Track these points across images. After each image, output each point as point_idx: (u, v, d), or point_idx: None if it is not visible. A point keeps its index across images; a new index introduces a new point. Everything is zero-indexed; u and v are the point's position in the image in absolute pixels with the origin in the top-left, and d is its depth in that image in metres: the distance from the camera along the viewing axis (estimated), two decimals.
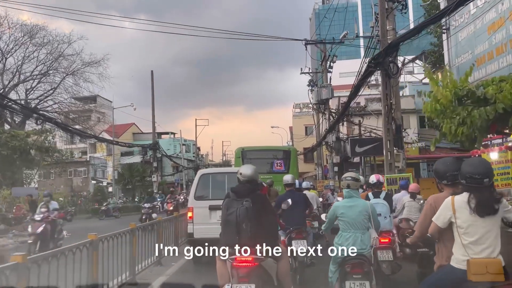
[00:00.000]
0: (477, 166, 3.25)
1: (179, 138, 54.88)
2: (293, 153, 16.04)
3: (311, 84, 25.96)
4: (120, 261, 6.36)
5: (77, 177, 44.12)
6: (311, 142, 38.62)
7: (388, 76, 10.36)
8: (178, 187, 46.57)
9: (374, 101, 28.94)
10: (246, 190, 4.26)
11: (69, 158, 34.61)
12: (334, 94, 24.11)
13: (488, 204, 3.16)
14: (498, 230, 3.19)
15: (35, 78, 30.95)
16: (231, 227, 4.09)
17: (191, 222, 8.41)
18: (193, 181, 9.25)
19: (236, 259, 3.97)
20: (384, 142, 10.75)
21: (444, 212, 3.30)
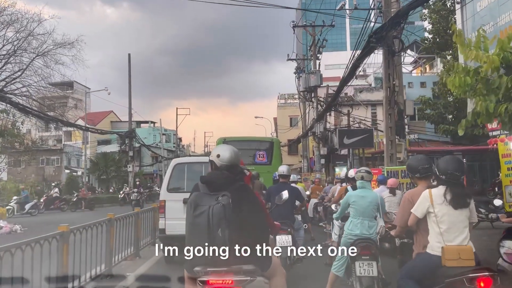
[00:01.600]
0: (456, 164, 3.61)
1: (159, 128, 52.87)
2: (276, 145, 15.47)
3: (298, 71, 24.53)
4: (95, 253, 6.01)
5: (50, 166, 41.88)
6: (296, 133, 37.33)
7: (391, 53, 8.95)
8: (157, 178, 44.72)
9: (363, 91, 27.80)
10: (223, 180, 2.98)
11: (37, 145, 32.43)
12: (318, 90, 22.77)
13: (462, 198, 3.54)
14: (467, 221, 3.56)
15: (1, 58, 28.60)
16: (200, 233, 2.78)
17: (163, 217, 7.58)
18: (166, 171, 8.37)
19: (208, 282, 2.75)
20: (385, 130, 9.36)
21: (422, 204, 3.62)
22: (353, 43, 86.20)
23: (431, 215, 3.56)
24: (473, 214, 3.64)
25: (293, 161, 39.85)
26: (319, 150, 20.83)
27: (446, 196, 3.52)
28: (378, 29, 9.05)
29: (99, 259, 6.10)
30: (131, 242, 7.88)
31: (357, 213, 5.11)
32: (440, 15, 21.69)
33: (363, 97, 26.77)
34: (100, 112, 57.11)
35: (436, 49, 22.97)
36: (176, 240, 6.09)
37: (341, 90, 14.63)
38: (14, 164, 40.32)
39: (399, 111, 9.29)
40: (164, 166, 47.61)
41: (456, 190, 3.53)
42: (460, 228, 3.50)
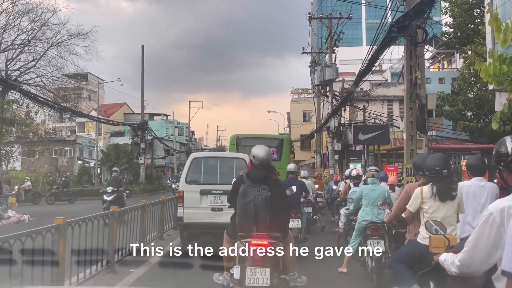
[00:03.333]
0: (437, 160, 3.98)
1: (172, 120, 52.76)
2: (286, 142, 16.58)
3: (313, 65, 24.00)
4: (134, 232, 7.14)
5: (63, 156, 42.11)
6: (309, 128, 36.77)
7: (413, 44, 8.45)
8: (169, 171, 44.68)
9: (379, 86, 27.13)
10: (262, 176, 4.21)
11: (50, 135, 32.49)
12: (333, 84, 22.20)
13: (447, 191, 3.94)
14: (455, 213, 4.01)
15: (16, 48, 28.62)
16: (249, 216, 4.07)
17: (181, 206, 8.20)
18: (185, 164, 9.02)
19: (251, 242, 4.02)
20: (405, 124, 8.88)
21: (415, 200, 4.08)
22: (369, 38, 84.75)
23: (422, 210, 4.05)
24: (461, 207, 4.09)
25: (305, 156, 39.32)
26: (333, 145, 20.33)
27: (433, 191, 3.94)
28: (400, 18, 8.56)
29: (135, 237, 7.27)
30: (157, 226, 9.07)
31: (368, 203, 6.22)
32: (462, 9, 20.91)
33: (379, 92, 26.12)
34: (114, 104, 57.22)
35: (457, 43, 22.19)
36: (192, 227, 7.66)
37: (358, 83, 14.13)
38: (28, 154, 40.62)
39: (421, 105, 8.81)
40: (176, 159, 47.53)
41: (439, 184, 3.95)
42: (449, 221, 3.91)
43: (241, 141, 15.98)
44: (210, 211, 7.99)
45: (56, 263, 4.63)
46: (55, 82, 29.99)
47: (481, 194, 4.41)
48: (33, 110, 31.78)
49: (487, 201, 4.28)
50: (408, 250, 4.18)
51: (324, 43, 21.52)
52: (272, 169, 4.55)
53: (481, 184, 4.44)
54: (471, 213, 4.25)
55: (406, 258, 4.07)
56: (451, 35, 22.48)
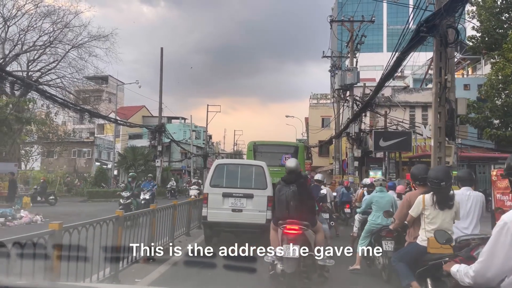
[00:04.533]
0: (437, 173, 4.44)
1: (189, 124, 52.72)
2: (301, 149, 17.17)
3: (334, 69, 23.48)
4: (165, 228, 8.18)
5: (81, 158, 42.42)
6: (327, 134, 36.14)
7: (444, 44, 7.91)
8: (185, 174, 44.53)
9: (401, 92, 26.38)
10: (291, 178, 5.65)
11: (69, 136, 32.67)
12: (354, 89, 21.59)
13: (445, 201, 4.40)
14: (452, 220, 4.49)
15: (38, 49, 28.93)
16: (282, 204, 5.55)
17: (206, 206, 9.05)
18: (209, 169, 10.04)
19: (286, 227, 5.31)
20: (433, 130, 8.32)
21: (417, 207, 4.55)
22: (390, 44, 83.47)
23: (423, 216, 4.44)
24: (457, 215, 4.52)
25: (323, 162, 38.64)
26: (352, 151, 19.73)
27: (433, 200, 4.35)
28: (430, 16, 8.03)
29: (165, 233, 8.24)
30: (184, 223, 10.13)
31: (379, 209, 6.84)
32: (490, 13, 20.13)
33: (401, 98, 25.40)
34: (133, 107, 57.60)
35: (484, 48, 21.36)
36: (215, 225, 8.96)
37: (382, 87, 13.55)
38: (48, 155, 41.05)
39: (450, 110, 8.24)
40: (192, 162, 47.40)
41: (439, 195, 4.34)
42: (447, 227, 4.25)
43: (258, 148, 16.66)
44: (231, 211, 8.91)
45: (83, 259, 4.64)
46: (75, 83, 30.23)
47: (467, 201, 5.05)
48: (53, 111, 32.20)
49: (471, 207, 5.04)
50: (408, 250, 4.61)
51: (345, 46, 21.00)
52: (301, 175, 6.01)
53: (467, 193, 5.09)
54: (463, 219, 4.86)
55: (406, 258, 4.49)
56: (478, 39, 21.67)
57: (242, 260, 4.66)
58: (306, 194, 5.70)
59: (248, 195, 8.90)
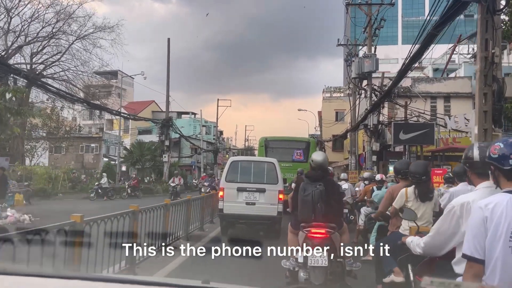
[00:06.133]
0: (417, 167, 4.77)
1: (199, 119, 51.61)
2: (313, 144, 17.15)
3: (349, 58, 22.03)
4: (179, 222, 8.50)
5: (89, 153, 41.63)
6: (341, 128, 34.66)
7: (491, 11, 6.52)
8: (195, 170, 43.46)
9: (422, 82, 24.79)
10: (318, 175, 5.03)
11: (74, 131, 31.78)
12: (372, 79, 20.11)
13: (425, 193, 4.72)
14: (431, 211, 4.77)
15: (41, 41, 27.98)
16: (307, 206, 4.86)
17: (222, 200, 9.65)
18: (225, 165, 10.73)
19: (311, 231, 4.77)
20: (478, 114, 6.90)
21: (400, 199, 4.85)
22: (405, 36, 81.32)
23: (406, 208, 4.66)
24: (436, 206, 4.89)
25: (337, 158, 37.14)
26: (370, 145, 18.31)
27: (415, 193, 4.74)
28: None
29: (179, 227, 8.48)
30: (198, 218, 10.41)
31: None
32: None
33: (421, 88, 23.82)
34: (142, 102, 56.76)
35: None
36: (230, 217, 9.56)
37: (408, 70, 12.10)
38: (55, 150, 40.33)
39: (498, 90, 6.84)
40: (203, 158, 46.30)
41: (419, 188, 4.73)
42: (426, 217, 4.70)
43: (269, 143, 16.87)
44: (245, 204, 9.53)
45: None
46: (80, 76, 29.25)
47: None
48: (58, 105, 31.32)
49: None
50: (391, 239, 4.76)
51: (363, 32, 19.54)
52: (327, 171, 5.44)
53: (468, 188, 4.99)
54: None
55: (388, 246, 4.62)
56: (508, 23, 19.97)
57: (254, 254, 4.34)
58: (335, 194, 5.17)
59: (261, 190, 9.55)
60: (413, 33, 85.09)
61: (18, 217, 10.82)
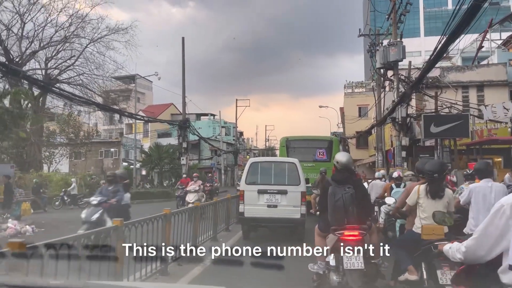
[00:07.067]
0: (430, 165, 4.88)
1: (218, 121, 50.83)
2: (336, 143, 16.70)
3: (372, 47, 20.68)
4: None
5: (109, 158, 41.36)
6: (365, 124, 33.16)
7: None
8: (215, 172, 42.60)
9: (452, 71, 23.19)
10: (345, 177, 4.98)
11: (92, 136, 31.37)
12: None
13: (436, 191, 4.82)
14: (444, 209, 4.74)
15: (55, 45, 27.61)
16: (340, 211, 4.81)
17: (242, 203, 9.42)
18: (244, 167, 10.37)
19: (344, 234, 4.71)
20: None
21: (413, 196, 4.98)
22: (428, 28, 78.77)
23: (418, 205, 4.91)
24: (450, 205, 4.91)
25: (362, 155, 35.61)
26: (399, 140, 16.95)
27: (427, 190, 4.85)
28: None
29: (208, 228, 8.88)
30: (224, 219, 10.47)
31: None
32: None
33: (451, 78, 22.26)
34: (161, 105, 56.47)
35: None
36: (252, 221, 9.51)
37: (440, 56, 10.78)
38: (75, 156, 40.17)
39: None
40: (223, 159, 45.47)
41: (431, 185, 4.82)
42: None
43: (291, 143, 16.40)
44: (266, 207, 9.25)
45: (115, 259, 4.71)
46: (95, 80, 28.74)
47: (490, 193, 5.22)
48: (75, 111, 30.96)
49: (495, 199, 4.87)
50: (405, 237, 5.16)
51: (386, 19, 18.19)
52: (353, 172, 5.49)
53: (489, 184, 5.27)
54: (483, 212, 4.95)
55: (404, 244, 4.91)
56: None
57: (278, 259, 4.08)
58: (364, 195, 5.23)
59: (282, 191, 9.22)
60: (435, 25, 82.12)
61: (19, 229, 10.04)
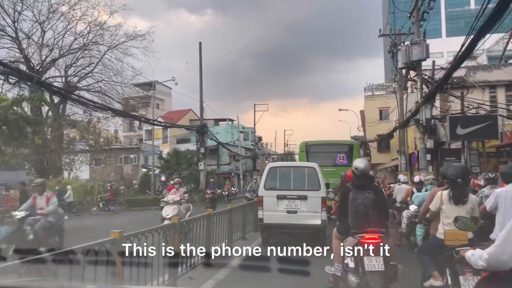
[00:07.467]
0: (453, 170, 4.83)
1: (237, 126, 50.60)
2: (356, 147, 16.56)
3: (393, 47, 20.02)
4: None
5: (128, 164, 41.52)
6: (386, 127, 32.32)
7: None
8: (234, 177, 42.29)
9: (478, 71, 22.27)
10: (365, 183, 5.18)
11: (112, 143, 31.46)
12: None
13: (460, 197, 4.76)
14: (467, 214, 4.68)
15: (74, 53, 27.85)
16: (361, 215, 5.00)
17: (261, 209, 9.26)
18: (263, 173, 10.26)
19: (365, 237, 4.81)
20: None
21: (436, 202, 4.92)
22: (449, 28, 76.96)
23: (441, 211, 4.84)
24: (474, 211, 4.83)
25: (384, 159, 34.70)
26: (424, 142, 16.23)
27: (450, 195, 4.78)
28: None
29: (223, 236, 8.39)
30: (240, 227, 10.17)
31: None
32: None
33: (478, 77, 21.34)
34: (179, 111, 56.66)
35: None
36: (271, 227, 9.39)
37: (470, 52, 10.13)
38: (96, 163, 40.46)
39: None
40: (241, 165, 45.13)
41: (454, 191, 4.76)
42: None
43: (311, 148, 16.28)
44: (286, 213, 9.07)
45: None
46: (113, 86, 28.84)
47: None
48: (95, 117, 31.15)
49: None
50: (430, 243, 5.10)
51: (408, 17, 17.54)
52: (372, 177, 5.69)
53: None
54: (510, 217, 4.58)
55: (428, 250, 4.92)
56: None
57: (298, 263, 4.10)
58: (383, 200, 5.43)
59: (302, 197, 9.05)
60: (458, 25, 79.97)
61: None
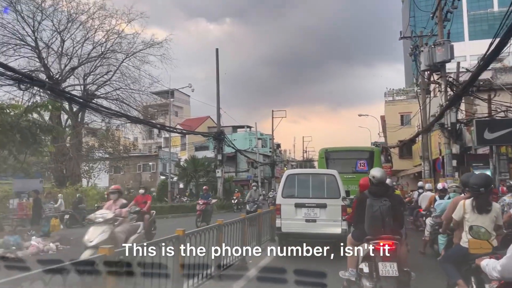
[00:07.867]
0: (477, 179, 4.79)
1: (255, 132, 50.22)
2: (377, 154, 16.24)
3: (416, 49, 19.35)
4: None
5: (146, 172, 41.57)
6: (408, 133, 31.44)
7: None
8: (251, 185, 41.84)
9: (505, 73, 21.35)
10: (382, 190, 5.31)
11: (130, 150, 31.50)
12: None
13: (483, 206, 4.73)
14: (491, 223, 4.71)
15: (93, 61, 28.03)
16: (377, 221, 5.10)
17: (279, 217, 9.09)
18: (280, 180, 9.96)
19: (380, 243, 4.89)
20: None
21: (459, 211, 4.92)
22: (472, 32, 75.18)
23: (464, 220, 4.82)
24: (498, 219, 4.80)
25: (405, 165, 33.74)
26: (450, 147, 15.49)
27: (473, 205, 4.75)
28: None
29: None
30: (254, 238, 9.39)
31: None
32: None
33: (505, 79, 20.45)
34: (198, 118, 56.74)
35: None
36: (290, 236, 9.04)
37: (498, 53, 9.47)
38: (115, 170, 40.67)
39: None
40: (259, 172, 44.65)
41: (478, 200, 4.73)
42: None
43: (330, 155, 16.00)
44: (305, 222, 8.86)
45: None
46: (132, 95, 28.88)
47: None
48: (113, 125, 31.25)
49: None
50: (453, 251, 5.03)
51: (431, 18, 16.89)
52: (390, 187, 5.79)
53: None
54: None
55: (452, 258, 4.90)
56: None
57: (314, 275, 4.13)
58: (398, 209, 5.43)
59: (321, 205, 8.83)
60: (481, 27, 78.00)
61: (42, 247, 9.60)
